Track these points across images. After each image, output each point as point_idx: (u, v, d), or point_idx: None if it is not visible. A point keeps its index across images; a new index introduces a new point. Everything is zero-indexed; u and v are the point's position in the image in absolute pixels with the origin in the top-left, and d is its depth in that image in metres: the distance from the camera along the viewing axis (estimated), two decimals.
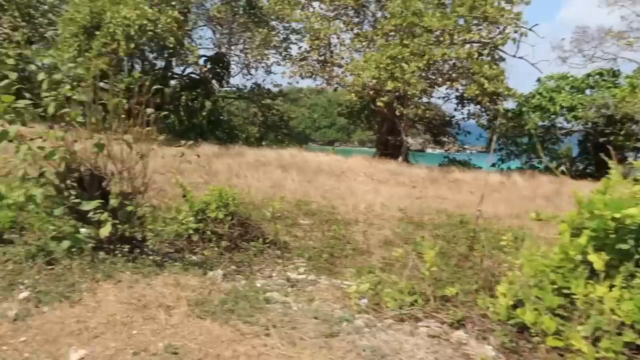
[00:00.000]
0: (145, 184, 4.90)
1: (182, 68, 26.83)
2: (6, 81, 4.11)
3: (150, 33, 18.84)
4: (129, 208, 4.47)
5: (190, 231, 6.39)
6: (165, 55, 20.39)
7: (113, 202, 4.38)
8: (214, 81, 28.79)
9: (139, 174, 4.92)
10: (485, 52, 20.38)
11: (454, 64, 19.75)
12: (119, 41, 17.80)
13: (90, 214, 4.25)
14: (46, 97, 4.13)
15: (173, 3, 20.76)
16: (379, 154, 25.63)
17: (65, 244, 4.16)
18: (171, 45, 19.92)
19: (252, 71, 29.33)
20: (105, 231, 4.19)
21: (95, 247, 4.37)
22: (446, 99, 25.90)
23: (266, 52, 25.52)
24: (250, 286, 4.81)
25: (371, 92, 20.07)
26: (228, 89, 30.94)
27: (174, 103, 25.12)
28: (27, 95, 4.59)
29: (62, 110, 4.16)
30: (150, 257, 5.01)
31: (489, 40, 19.87)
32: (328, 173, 16.28)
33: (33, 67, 4.50)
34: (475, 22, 18.84)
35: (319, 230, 8.78)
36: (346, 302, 4.54)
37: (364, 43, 21.30)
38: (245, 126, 32.69)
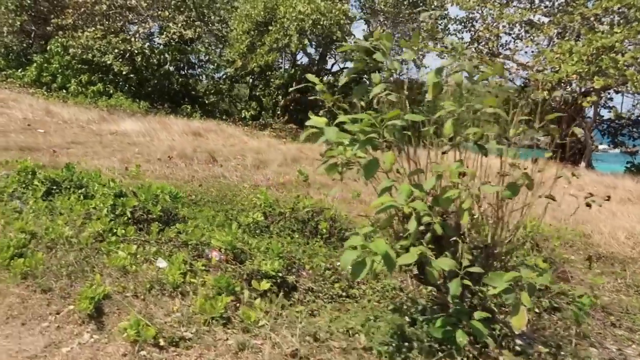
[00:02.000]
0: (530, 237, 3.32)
1: (331, 64, 25.92)
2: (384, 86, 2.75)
3: (319, 27, 17.92)
4: (533, 280, 2.88)
5: None
6: (331, 49, 19.43)
7: (527, 274, 2.81)
8: (364, 77, 27.54)
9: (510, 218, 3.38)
10: None
11: None
12: (290, 36, 17.10)
13: (496, 290, 2.74)
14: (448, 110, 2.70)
15: None
16: (555, 157, 22.50)
17: (463, 337, 2.70)
18: (337, 39, 18.89)
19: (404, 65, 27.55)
20: (521, 322, 2.66)
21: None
22: None
23: (429, 44, 23.51)
24: None
25: (570, 89, 17.12)
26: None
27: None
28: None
29: (465, 131, 2.71)
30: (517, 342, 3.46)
31: None
32: None
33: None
34: None
35: (605, 273, 6.70)
36: None
37: (554, 31, 18.27)
38: None
